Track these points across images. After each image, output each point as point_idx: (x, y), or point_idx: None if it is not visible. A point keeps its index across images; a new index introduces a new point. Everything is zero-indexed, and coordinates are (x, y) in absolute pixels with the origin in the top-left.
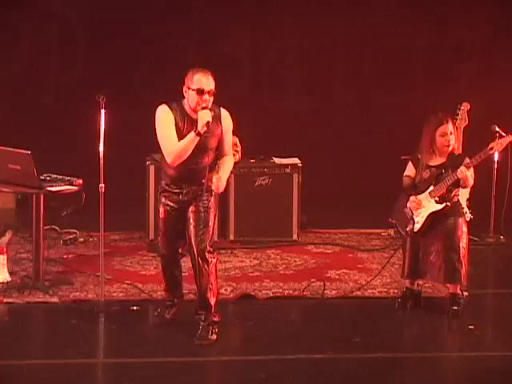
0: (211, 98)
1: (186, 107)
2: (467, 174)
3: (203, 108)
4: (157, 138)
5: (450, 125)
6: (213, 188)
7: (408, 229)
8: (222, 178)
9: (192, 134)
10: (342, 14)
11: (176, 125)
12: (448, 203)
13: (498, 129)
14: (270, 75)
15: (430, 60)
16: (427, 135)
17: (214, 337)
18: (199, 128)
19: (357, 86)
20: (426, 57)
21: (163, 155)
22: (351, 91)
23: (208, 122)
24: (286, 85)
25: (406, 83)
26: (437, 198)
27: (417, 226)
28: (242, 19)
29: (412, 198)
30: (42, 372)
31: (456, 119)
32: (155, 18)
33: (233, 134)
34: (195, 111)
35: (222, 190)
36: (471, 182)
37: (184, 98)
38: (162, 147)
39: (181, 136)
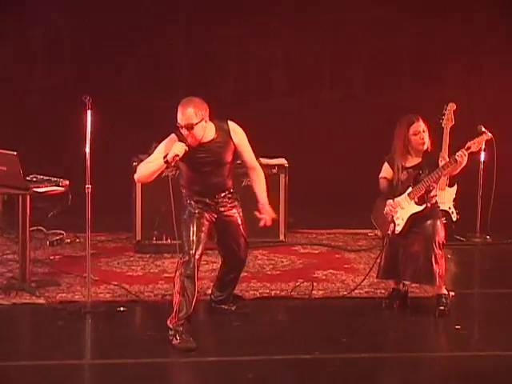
0: (195, 130)
1: None
2: (465, 158)
3: (184, 141)
4: (143, 138)
5: (421, 122)
6: (264, 221)
7: (389, 231)
8: (266, 207)
9: (161, 160)
10: (328, 14)
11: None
12: (428, 204)
13: (484, 129)
14: (256, 75)
15: (416, 61)
16: (400, 136)
17: None
18: (168, 157)
19: (343, 86)
20: (413, 57)
21: (182, 174)
22: (338, 92)
23: (177, 156)
24: (272, 85)
25: (392, 84)
26: (416, 199)
27: (398, 229)
28: (228, 20)
29: (389, 201)
30: (29, 373)
31: (442, 119)
32: (142, 20)
33: None
34: None
35: (272, 216)
36: (464, 162)
37: None
38: None
39: (193, 162)
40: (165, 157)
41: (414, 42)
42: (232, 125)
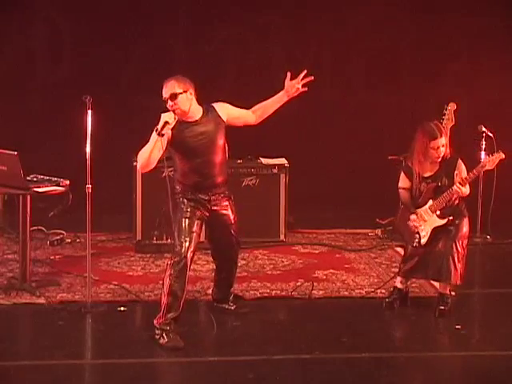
0: (179, 100)
1: None
2: (463, 190)
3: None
4: (143, 138)
5: (443, 138)
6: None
7: (415, 244)
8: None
9: (154, 135)
10: (328, 13)
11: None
12: (450, 217)
13: (484, 129)
14: (256, 75)
15: (416, 60)
16: (420, 145)
17: None
18: (158, 126)
19: (344, 85)
20: (413, 57)
21: (176, 168)
22: (338, 91)
23: (166, 123)
24: (272, 85)
25: (392, 83)
26: (438, 212)
27: (423, 241)
28: (228, 19)
29: (412, 217)
30: (30, 373)
31: (443, 119)
32: (142, 19)
33: None
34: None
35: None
36: (467, 191)
37: None
38: None
39: (185, 146)
40: (156, 129)
41: (414, 41)
42: (217, 105)
